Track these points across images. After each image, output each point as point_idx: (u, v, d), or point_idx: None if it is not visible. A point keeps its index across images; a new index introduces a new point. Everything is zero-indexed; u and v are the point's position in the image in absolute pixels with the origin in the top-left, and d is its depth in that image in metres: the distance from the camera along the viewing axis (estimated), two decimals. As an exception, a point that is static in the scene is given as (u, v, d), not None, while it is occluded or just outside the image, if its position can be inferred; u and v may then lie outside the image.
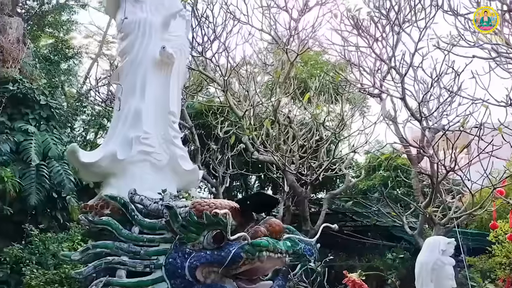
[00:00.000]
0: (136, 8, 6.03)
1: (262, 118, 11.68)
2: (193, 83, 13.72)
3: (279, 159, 10.86)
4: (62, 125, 9.45)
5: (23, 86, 8.61)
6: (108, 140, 5.68)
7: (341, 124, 10.89)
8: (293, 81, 11.89)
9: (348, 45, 10.22)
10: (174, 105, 5.99)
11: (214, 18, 10.85)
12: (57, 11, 13.19)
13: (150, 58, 5.84)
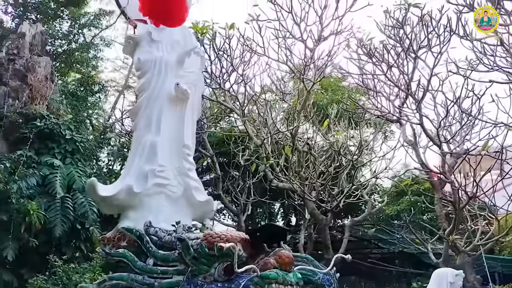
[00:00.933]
0: (152, 48, 6.30)
1: (281, 145, 11.77)
2: (214, 113, 14.05)
3: (298, 186, 10.87)
4: (87, 157, 9.80)
5: (50, 122, 9.03)
6: (126, 173, 5.87)
7: (360, 150, 10.85)
8: (312, 108, 12.01)
9: (363, 73, 10.29)
10: (189, 138, 6.16)
11: (232, 51, 11.15)
12: (84, 49, 13.85)
13: (166, 94, 6.06)
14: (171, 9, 2.16)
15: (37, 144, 8.89)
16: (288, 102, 11.96)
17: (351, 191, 11.59)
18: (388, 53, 9.46)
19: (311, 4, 10.49)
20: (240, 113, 11.08)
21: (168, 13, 2.18)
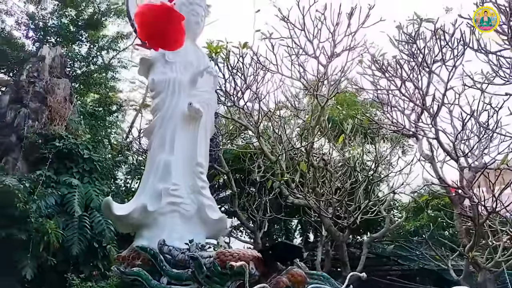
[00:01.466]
0: (166, 69, 6.48)
1: (296, 161, 11.74)
2: (229, 130, 14.15)
3: (314, 202, 10.79)
4: (104, 176, 9.96)
5: (68, 142, 9.24)
6: (140, 192, 5.97)
7: (376, 166, 10.76)
8: (327, 123, 11.98)
9: (376, 88, 10.27)
10: (202, 156, 6.26)
11: (246, 69, 11.25)
12: (102, 70, 14.21)
13: (179, 113, 6.20)
14: (168, 33, 2.22)
15: (56, 164, 9.09)
16: (303, 118, 11.97)
17: (368, 207, 11.46)
18: (401, 68, 9.43)
19: (324, 21, 10.57)
20: (254, 130, 11.13)
21: (166, 37, 2.25)
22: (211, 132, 6.87)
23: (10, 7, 13.28)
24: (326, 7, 10.64)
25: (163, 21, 2.22)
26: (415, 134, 10.81)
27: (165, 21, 2.22)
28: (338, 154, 13.08)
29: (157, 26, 2.23)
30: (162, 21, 2.22)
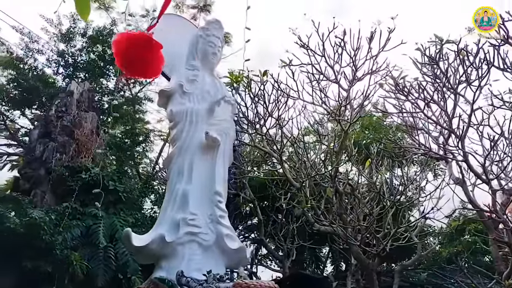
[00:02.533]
0: (184, 99, 6.58)
1: (321, 188, 11.56)
2: (254, 157, 14.14)
3: (341, 229, 10.53)
4: (130, 206, 10.08)
5: (94, 174, 9.45)
6: (159, 222, 5.98)
7: (402, 190, 10.46)
8: (352, 148, 11.80)
9: (399, 111, 10.09)
10: (220, 185, 6.24)
11: (268, 96, 11.30)
12: (128, 103, 14.62)
13: (197, 143, 6.24)
14: (146, 62, 2.22)
15: (82, 195, 9.28)
16: (325, 144, 11.84)
17: (398, 234, 11.08)
18: (424, 90, 9.25)
19: (344, 46, 10.57)
20: (277, 157, 11.08)
21: (143, 66, 2.25)
22: (230, 161, 6.86)
23: (42, 45, 13.95)
24: (345, 33, 10.70)
25: (140, 49, 2.22)
26: (444, 157, 10.50)
27: (142, 49, 2.22)
28: (365, 179, 12.82)
29: (133, 54, 2.23)
30: (139, 49, 2.22)
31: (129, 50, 2.23)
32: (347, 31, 10.56)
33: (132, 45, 2.23)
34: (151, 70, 2.36)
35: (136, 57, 2.23)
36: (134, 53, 2.22)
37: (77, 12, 2.61)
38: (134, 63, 2.26)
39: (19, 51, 14.02)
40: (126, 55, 2.23)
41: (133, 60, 2.24)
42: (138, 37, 2.28)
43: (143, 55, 2.24)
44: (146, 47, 2.24)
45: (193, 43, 7.17)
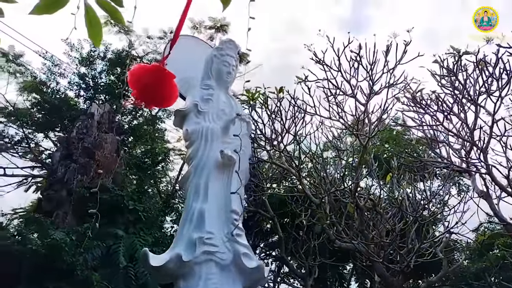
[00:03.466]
0: (199, 119, 6.65)
1: (342, 203, 11.40)
2: (273, 174, 14.09)
3: (363, 246, 10.32)
4: (149, 226, 10.14)
5: (114, 194, 9.57)
6: (176, 241, 5.99)
7: (424, 204, 10.23)
8: (373, 162, 11.64)
9: (418, 124, 9.94)
10: (236, 203, 6.22)
11: (285, 112, 11.30)
12: (148, 123, 14.84)
13: (213, 161, 6.27)
14: (159, 91, 2.28)
15: (102, 216, 9.36)
16: (343, 159, 11.70)
17: (423, 250, 10.80)
18: (442, 102, 9.11)
19: (360, 60, 10.53)
20: (296, 173, 11.01)
21: (158, 95, 2.31)
22: (246, 178, 6.86)
23: (63, 69, 14.37)
24: (360, 47, 10.67)
25: (154, 79, 2.28)
26: (466, 170, 10.25)
27: (155, 79, 2.28)
28: (386, 193, 12.61)
29: (148, 85, 2.29)
30: (152, 79, 2.28)
31: (144, 81, 2.29)
32: (362, 45, 10.60)
33: (146, 76, 2.29)
34: (165, 99, 2.42)
35: (150, 87, 2.29)
36: (148, 84, 2.28)
37: (90, 39, 2.69)
38: (149, 93, 2.32)
39: (42, 75, 14.47)
40: (141, 86, 2.29)
41: (147, 90, 2.30)
42: (151, 69, 2.34)
43: (157, 85, 2.29)
44: (159, 77, 2.30)
45: (208, 63, 7.26)
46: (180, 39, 8.04)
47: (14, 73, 14.76)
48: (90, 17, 2.70)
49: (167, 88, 2.38)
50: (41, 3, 2.62)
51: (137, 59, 14.84)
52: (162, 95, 2.37)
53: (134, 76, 2.33)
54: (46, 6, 2.62)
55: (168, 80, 2.36)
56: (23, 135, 14.44)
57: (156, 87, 2.31)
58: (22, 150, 15.04)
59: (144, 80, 2.31)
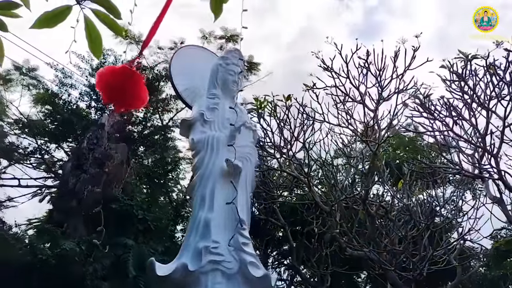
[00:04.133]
0: (205, 128, 6.67)
1: (353, 211, 11.29)
2: (283, 182, 14.04)
3: (374, 254, 10.19)
4: (159, 235, 10.17)
5: (124, 204, 9.63)
6: (182, 252, 5.98)
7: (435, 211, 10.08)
8: (384, 168, 11.53)
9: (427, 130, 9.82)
10: (243, 212, 6.20)
11: (294, 120, 11.28)
12: (158, 131, 14.93)
13: (218, 170, 6.27)
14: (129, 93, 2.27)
15: (112, 226, 9.44)
16: (353, 165, 11.61)
17: (437, 257, 10.61)
18: (453, 108, 9.00)
19: (368, 66, 10.49)
20: (305, 181, 10.96)
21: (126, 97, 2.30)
22: (252, 187, 6.84)
23: (75, 80, 14.58)
24: (368, 53, 10.62)
25: (122, 81, 2.27)
26: (478, 176, 10.08)
27: (123, 81, 2.27)
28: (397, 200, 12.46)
29: (116, 86, 2.28)
30: (120, 81, 2.27)
31: (111, 83, 2.28)
32: (372, 51, 10.54)
33: (114, 78, 2.28)
34: (134, 101, 2.40)
35: (118, 89, 2.28)
36: (116, 85, 2.27)
37: (90, 51, 2.72)
38: (117, 95, 2.31)
39: (54, 87, 14.70)
40: (109, 88, 2.29)
41: (115, 92, 2.29)
42: (120, 70, 2.34)
43: (125, 86, 2.28)
44: (127, 79, 2.29)
45: (213, 72, 7.31)
46: (186, 49, 8.12)
47: (27, 86, 15.04)
48: (90, 30, 2.74)
49: (136, 89, 2.37)
50: (42, 17, 2.66)
51: (147, 69, 14.97)
52: (131, 96, 2.35)
53: (102, 77, 2.33)
54: (46, 20, 2.66)
55: (136, 81, 2.35)
56: (37, 146, 14.66)
57: (124, 89, 2.30)
58: (36, 161, 15.27)
59: (112, 82, 2.30)
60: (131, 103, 2.40)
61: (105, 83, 2.24)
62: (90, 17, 2.68)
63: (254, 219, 13.78)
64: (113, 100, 2.32)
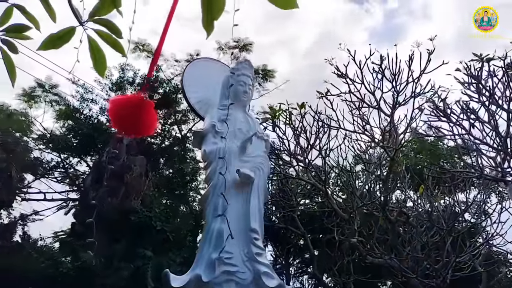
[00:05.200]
0: (216, 139, 6.72)
1: (374, 218, 11.13)
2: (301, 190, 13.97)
3: (395, 261, 10.01)
4: (177, 246, 10.25)
5: (142, 215, 9.77)
6: (196, 263, 6.02)
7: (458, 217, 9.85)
8: (405, 173, 11.36)
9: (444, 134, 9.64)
10: (256, 222, 6.21)
11: (309, 127, 11.25)
12: (176, 144, 15.14)
13: (230, 181, 6.29)
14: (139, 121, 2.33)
15: (131, 237, 9.59)
16: (369, 171, 11.47)
17: (461, 264, 10.34)
18: (472, 111, 8.81)
19: (383, 72, 10.40)
20: (323, 188, 10.88)
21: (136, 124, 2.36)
22: (265, 196, 6.84)
23: (95, 95, 14.96)
24: (383, 58, 10.53)
25: (133, 109, 2.34)
26: (500, 179, 9.82)
27: (135, 109, 2.34)
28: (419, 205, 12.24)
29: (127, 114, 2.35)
30: (131, 110, 2.34)
31: (123, 111, 2.36)
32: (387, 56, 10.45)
33: (126, 108, 2.36)
34: (144, 128, 2.47)
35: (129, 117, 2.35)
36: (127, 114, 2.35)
37: (95, 70, 2.81)
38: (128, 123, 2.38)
39: (75, 102, 15.12)
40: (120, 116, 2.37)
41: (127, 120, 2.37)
42: (129, 99, 2.41)
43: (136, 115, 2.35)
44: (138, 108, 2.36)
45: (224, 84, 7.38)
46: (198, 62, 8.23)
47: (50, 102, 15.50)
48: (94, 50, 2.84)
49: (145, 118, 2.44)
50: (47, 39, 2.77)
51: (165, 82, 15.22)
52: (140, 125, 2.42)
53: (113, 107, 2.41)
54: (52, 42, 2.77)
55: (145, 110, 2.42)
56: (60, 161, 15.05)
57: (134, 118, 2.37)
58: (60, 175, 15.66)
59: (122, 112, 2.39)
60: (140, 131, 2.48)
61: (115, 113, 2.33)
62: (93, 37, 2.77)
63: (273, 228, 13.85)
64: (123, 129, 2.40)
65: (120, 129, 2.43)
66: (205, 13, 2.50)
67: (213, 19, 2.58)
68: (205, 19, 2.59)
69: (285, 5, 2.33)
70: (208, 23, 2.59)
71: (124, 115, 2.35)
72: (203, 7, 2.41)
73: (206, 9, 2.46)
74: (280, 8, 2.32)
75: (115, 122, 2.39)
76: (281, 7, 2.34)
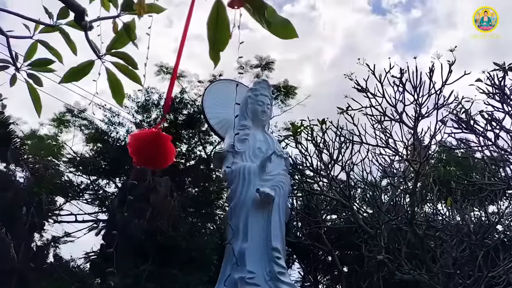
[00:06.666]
0: (237, 159, 6.83)
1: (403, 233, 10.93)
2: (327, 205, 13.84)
3: (426, 278, 9.77)
4: (203, 265, 10.31)
5: (168, 235, 9.91)
6: (219, 283, 6.08)
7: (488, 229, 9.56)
8: (433, 186, 11.13)
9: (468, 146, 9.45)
10: (278, 241, 6.23)
11: (332, 143, 11.21)
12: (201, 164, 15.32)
13: (251, 200, 6.38)
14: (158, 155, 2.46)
15: (158, 257, 9.73)
16: (394, 184, 11.30)
17: (495, 278, 10.00)
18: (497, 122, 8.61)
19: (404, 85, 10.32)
20: (347, 204, 10.78)
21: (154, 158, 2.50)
22: (286, 215, 6.86)
23: (122, 118, 15.40)
24: (403, 71, 10.46)
25: (151, 144, 2.48)
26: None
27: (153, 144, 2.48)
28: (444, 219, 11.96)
29: (146, 150, 2.49)
30: (150, 144, 2.48)
31: (142, 148, 2.50)
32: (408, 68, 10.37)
33: (144, 141, 2.50)
34: (162, 161, 2.61)
35: (147, 151, 2.49)
36: (146, 148, 2.49)
37: (113, 98, 2.99)
38: (148, 158, 2.53)
39: (103, 125, 15.58)
40: (139, 150, 2.50)
41: (146, 155, 2.51)
42: (147, 134, 2.55)
43: (154, 149, 2.49)
44: (156, 142, 2.50)
45: (243, 104, 7.51)
46: (217, 84, 8.42)
47: (79, 126, 16.04)
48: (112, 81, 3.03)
49: (163, 151, 2.58)
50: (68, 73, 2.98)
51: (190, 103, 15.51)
52: (158, 157, 2.56)
53: (132, 141, 2.55)
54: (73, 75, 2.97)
55: (164, 143, 2.56)
56: (89, 183, 15.47)
57: (153, 151, 2.50)
58: (90, 197, 16.07)
59: (141, 147, 2.52)
60: (157, 164, 2.65)
61: (134, 147, 2.50)
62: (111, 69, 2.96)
63: (301, 245, 13.73)
64: (141, 162, 2.56)
65: (139, 161, 2.56)
66: (211, 45, 2.62)
67: (219, 50, 2.72)
68: (211, 51, 2.73)
69: (286, 36, 2.44)
70: (215, 54, 2.73)
71: (142, 149, 2.48)
72: (209, 41, 2.53)
73: (212, 42, 2.59)
74: (281, 38, 2.44)
75: (134, 155, 2.52)
76: (282, 38, 2.45)
